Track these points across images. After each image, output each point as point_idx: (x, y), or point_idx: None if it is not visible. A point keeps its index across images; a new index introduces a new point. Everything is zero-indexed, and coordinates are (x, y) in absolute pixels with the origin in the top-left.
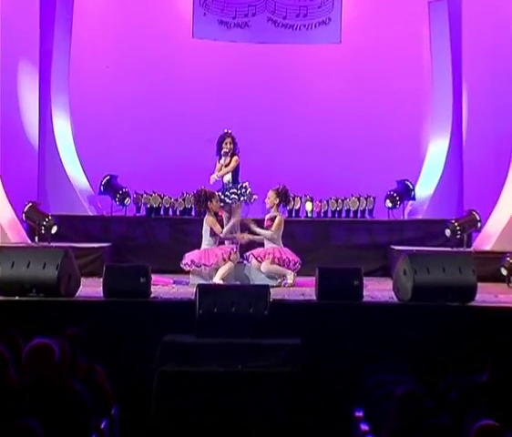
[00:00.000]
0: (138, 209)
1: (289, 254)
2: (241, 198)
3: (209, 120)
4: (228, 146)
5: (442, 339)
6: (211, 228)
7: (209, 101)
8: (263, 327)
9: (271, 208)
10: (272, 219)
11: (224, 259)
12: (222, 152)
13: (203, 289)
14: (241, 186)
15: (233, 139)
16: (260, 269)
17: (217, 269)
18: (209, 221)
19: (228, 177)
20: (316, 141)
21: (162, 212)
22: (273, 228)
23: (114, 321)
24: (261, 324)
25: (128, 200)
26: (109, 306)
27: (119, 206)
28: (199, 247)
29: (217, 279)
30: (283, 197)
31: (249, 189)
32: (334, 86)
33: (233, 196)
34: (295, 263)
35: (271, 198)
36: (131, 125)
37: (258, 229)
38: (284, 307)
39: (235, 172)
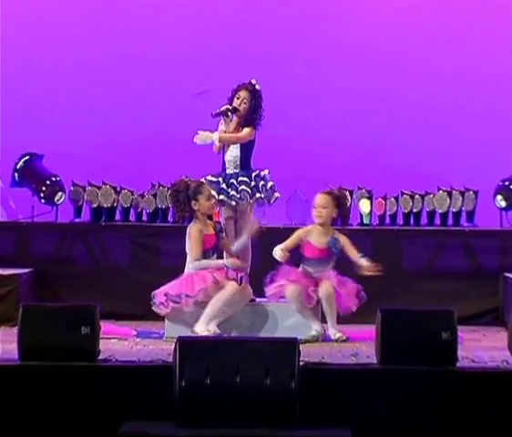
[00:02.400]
0: (78, 212)
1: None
2: (258, 195)
3: (200, 67)
4: (240, 102)
5: None
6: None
7: (200, 35)
8: (289, 409)
9: (323, 224)
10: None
11: (216, 283)
12: (225, 107)
13: (187, 345)
14: (257, 174)
15: (253, 95)
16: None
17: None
18: (193, 234)
19: (233, 158)
20: (377, 102)
21: (119, 216)
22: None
23: (35, 401)
24: (284, 405)
25: (60, 196)
26: (28, 374)
27: (46, 205)
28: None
29: (201, 325)
30: (343, 206)
31: (270, 182)
32: (407, 16)
33: (243, 188)
34: (358, 293)
35: (328, 206)
36: (67, 73)
37: None
38: (324, 376)
39: (245, 154)
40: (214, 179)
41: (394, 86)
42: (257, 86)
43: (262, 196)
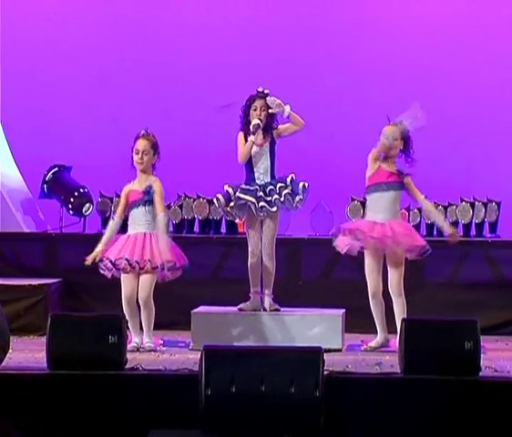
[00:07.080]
0: (106, 222)
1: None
2: (298, 198)
3: (224, 79)
4: (260, 111)
5: None
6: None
7: (223, 48)
8: (313, 418)
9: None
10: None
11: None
12: (257, 122)
13: (213, 355)
14: (292, 179)
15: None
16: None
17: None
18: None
19: (264, 168)
20: (401, 112)
21: None
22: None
23: (64, 409)
24: (309, 413)
25: (88, 208)
26: (56, 383)
27: (74, 216)
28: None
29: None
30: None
31: (302, 183)
32: (431, 27)
33: (287, 192)
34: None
35: (395, 134)
36: (95, 83)
37: None
38: (348, 385)
39: (274, 164)
40: (251, 188)
41: (417, 96)
42: (266, 91)
43: (302, 197)
